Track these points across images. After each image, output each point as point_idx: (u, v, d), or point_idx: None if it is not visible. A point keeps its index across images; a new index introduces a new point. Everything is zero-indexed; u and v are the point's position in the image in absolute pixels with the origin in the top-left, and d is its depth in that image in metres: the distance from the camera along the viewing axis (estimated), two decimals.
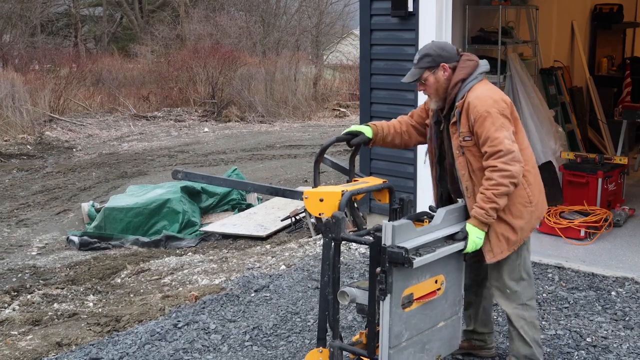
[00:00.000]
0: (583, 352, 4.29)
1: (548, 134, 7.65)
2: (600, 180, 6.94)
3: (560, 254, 6.10)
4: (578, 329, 4.59)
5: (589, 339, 4.45)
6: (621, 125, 8.61)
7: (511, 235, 3.64)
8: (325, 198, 3.45)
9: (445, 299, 3.61)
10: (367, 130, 3.90)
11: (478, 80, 3.65)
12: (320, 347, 3.52)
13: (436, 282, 3.52)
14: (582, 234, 6.40)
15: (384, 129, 3.95)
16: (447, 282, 3.59)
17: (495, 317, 4.82)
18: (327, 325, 3.49)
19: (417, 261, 3.22)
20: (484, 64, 3.73)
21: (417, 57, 3.72)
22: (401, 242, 3.25)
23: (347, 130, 3.97)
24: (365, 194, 3.77)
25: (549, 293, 5.23)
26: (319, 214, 3.47)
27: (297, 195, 3.63)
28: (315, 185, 3.65)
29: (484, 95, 3.57)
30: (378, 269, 3.25)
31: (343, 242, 3.54)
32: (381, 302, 3.25)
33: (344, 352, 3.57)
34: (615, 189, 7.20)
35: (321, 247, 3.52)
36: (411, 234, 3.36)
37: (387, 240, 3.23)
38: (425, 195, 6.53)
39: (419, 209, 6.61)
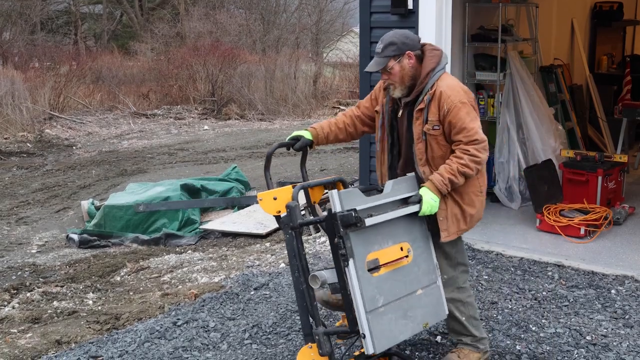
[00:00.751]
0: (583, 350, 4.28)
1: (548, 132, 7.64)
2: (600, 178, 6.94)
3: (560, 252, 6.10)
4: (578, 327, 4.59)
5: (588, 337, 4.45)
6: (621, 123, 8.61)
7: (462, 220, 3.80)
8: (279, 196, 3.59)
9: (416, 266, 3.71)
10: (306, 134, 4.04)
11: (443, 71, 3.76)
12: (309, 343, 3.55)
13: (402, 249, 3.63)
14: (582, 232, 6.40)
15: (323, 129, 4.07)
16: (415, 249, 3.70)
17: (495, 314, 4.82)
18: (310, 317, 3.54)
19: (370, 220, 3.39)
20: (445, 57, 3.84)
21: (380, 46, 3.73)
22: (350, 206, 3.39)
23: (289, 136, 4.11)
24: (318, 187, 3.93)
25: (548, 291, 5.23)
26: (277, 212, 3.59)
27: (252, 199, 3.76)
28: (269, 188, 3.77)
29: (454, 85, 3.70)
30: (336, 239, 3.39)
31: (305, 230, 3.61)
32: (346, 268, 3.36)
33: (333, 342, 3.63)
34: (615, 187, 7.20)
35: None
36: (359, 199, 3.49)
37: (336, 207, 3.36)
38: None
39: None
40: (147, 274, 6.56)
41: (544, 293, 5.20)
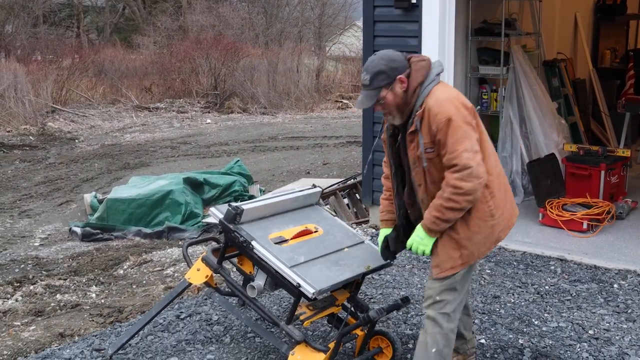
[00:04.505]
0: (585, 344, 4.29)
1: (551, 127, 7.63)
2: (602, 172, 6.93)
3: (562, 246, 6.10)
4: (580, 322, 4.59)
5: (591, 332, 4.45)
6: (624, 118, 8.60)
7: (464, 250, 3.37)
8: (199, 267, 4.17)
9: (331, 235, 4.07)
10: (386, 231, 3.76)
11: (436, 82, 3.36)
12: (291, 351, 3.71)
13: (307, 227, 4.05)
14: (585, 226, 6.40)
15: (390, 212, 3.76)
16: (323, 227, 4.10)
17: (497, 308, 4.83)
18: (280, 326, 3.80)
19: (247, 205, 3.92)
20: (438, 65, 3.44)
21: (367, 77, 3.34)
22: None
23: (380, 249, 3.82)
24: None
25: (551, 285, 5.23)
26: (206, 277, 4.16)
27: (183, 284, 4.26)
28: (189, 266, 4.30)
29: (443, 100, 3.27)
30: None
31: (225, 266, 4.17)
32: (254, 250, 3.74)
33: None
34: (618, 181, 7.19)
35: None
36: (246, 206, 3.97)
37: (219, 216, 3.95)
38: None
39: None
40: (149, 267, 6.58)
41: (547, 287, 5.20)
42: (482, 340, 4.36)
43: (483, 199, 3.32)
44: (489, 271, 5.56)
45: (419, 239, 3.42)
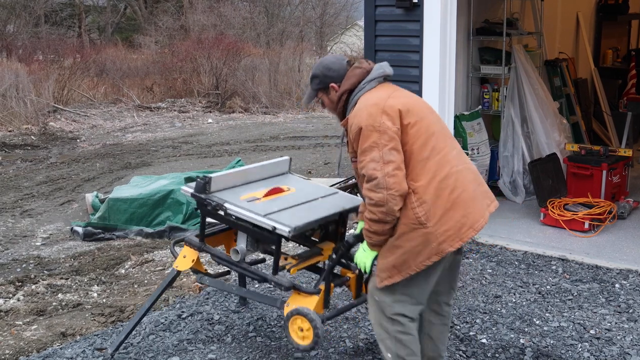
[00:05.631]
0: (586, 344, 4.29)
1: (552, 126, 7.63)
2: (604, 172, 6.93)
3: (564, 246, 6.10)
4: (582, 321, 4.59)
5: (592, 331, 4.45)
6: (626, 118, 8.59)
7: (397, 258, 3.23)
8: (185, 253, 4.27)
9: (302, 191, 4.22)
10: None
11: (367, 89, 3.34)
12: (286, 304, 3.74)
13: (278, 187, 4.21)
14: (586, 226, 6.40)
15: None
16: (296, 186, 4.28)
17: (499, 308, 4.83)
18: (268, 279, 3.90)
19: (215, 174, 4.06)
20: (378, 69, 3.40)
21: (309, 78, 3.49)
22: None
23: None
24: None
25: (552, 285, 5.23)
26: (192, 261, 4.24)
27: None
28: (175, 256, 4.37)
29: (361, 108, 3.24)
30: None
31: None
32: (226, 213, 3.87)
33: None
34: (620, 181, 7.19)
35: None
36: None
37: (189, 191, 4.08)
38: None
39: None
40: (151, 267, 6.58)
41: (548, 287, 5.20)
42: (484, 340, 4.36)
43: (409, 206, 3.16)
44: (490, 271, 5.56)
45: (362, 252, 3.40)
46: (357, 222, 3.53)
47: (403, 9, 6.41)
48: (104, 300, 5.60)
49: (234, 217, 3.88)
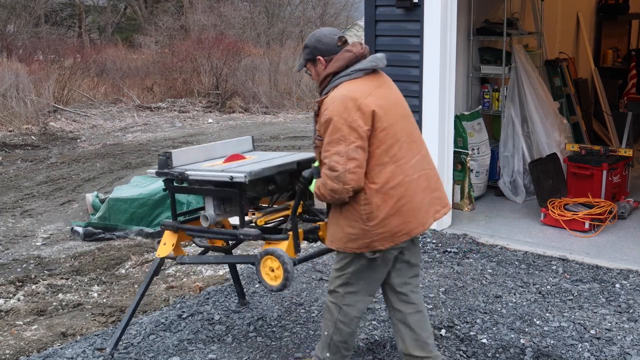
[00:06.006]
0: (587, 344, 4.29)
1: (553, 126, 7.63)
2: (604, 172, 6.93)
3: (564, 246, 6.10)
4: (582, 321, 4.59)
5: (592, 331, 4.45)
6: (626, 118, 8.59)
7: (344, 235, 3.40)
8: (166, 240, 4.37)
9: (264, 156, 4.41)
10: None
11: (351, 77, 3.36)
12: (261, 258, 3.74)
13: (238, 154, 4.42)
14: (587, 226, 6.40)
15: None
16: (257, 156, 4.45)
17: (499, 308, 4.82)
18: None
19: (175, 151, 4.25)
20: (371, 60, 3.41)
21: (303, 45, 3.59)
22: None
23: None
24: None
25: (553, 285, 5.23)
26: (172, 246, 4.32)
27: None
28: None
29: (339, 97, 3.28)
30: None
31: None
32: (186, 177, 4.05)
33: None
34: (620, 181, 7.19)
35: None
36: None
37: (154, 171, 4.26)
38: None
39: None
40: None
41: (548, 287, 5.20)
42: (484, 340, 4.36)
43: (357, 201, 3.31)
44: (490, 271, 5.56)
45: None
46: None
47: (403, 9, 6.41)
48: (105, 300, 5.60)
49: (197, 185, 4.09)
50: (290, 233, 3.78)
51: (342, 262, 3.50)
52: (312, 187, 3.52)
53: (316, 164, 3.55)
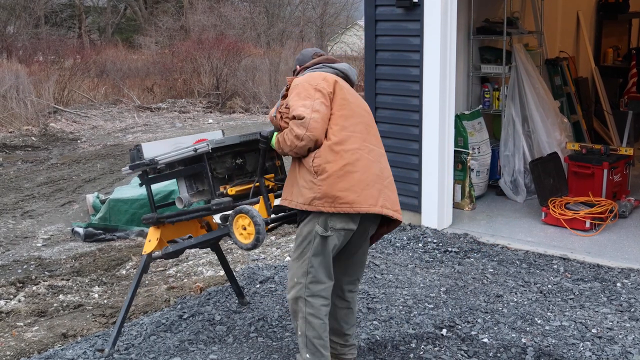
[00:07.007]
0: (588, 343, 4.28)
1: (553, 125, 7.62)
2: (605, 171, 6.92)
3: (565, 245, 6.10)
4: (583, 320, 4.59)
5: (594, 330, 4.44)
6: (627, 116, 8.58)
7: (295, 190, 3.60)
8: (150, 237, 4.49)
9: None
10: None
11: (321, 70, 3.83)
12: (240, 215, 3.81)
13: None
14: (588, 225, 6.39)
15: None
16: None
17: (500, 308, 4.82)
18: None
19: (144, 144, 4.36)
20: (343, 67, 3.88)
21: None
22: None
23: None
24: None
25: (554, 284, 5.22)
26: (156, 240, 4.45)
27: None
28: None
29: (308, 74, 3.77)
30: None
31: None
32: (157, 164, 4.18)
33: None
34: (621, 180, 7.18)
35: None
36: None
37: (127, 166, 4.37)
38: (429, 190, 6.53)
39: (424, 198, 6.62)
40: (152, 268, 6.57)
41: (550, 286, 5.19)
42: (485, 340, 4.35)
43: (311, 156, 3.52)
44: (491, 270, 5.55)
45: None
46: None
47: (403, 8, 6.40)
48: (105, 301, 5.60)
49: (168, 170, 4.22)
50: (261, 197, 3.89)
51: (301, 248, 3.61)
52: (273, 142, 3.73)
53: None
